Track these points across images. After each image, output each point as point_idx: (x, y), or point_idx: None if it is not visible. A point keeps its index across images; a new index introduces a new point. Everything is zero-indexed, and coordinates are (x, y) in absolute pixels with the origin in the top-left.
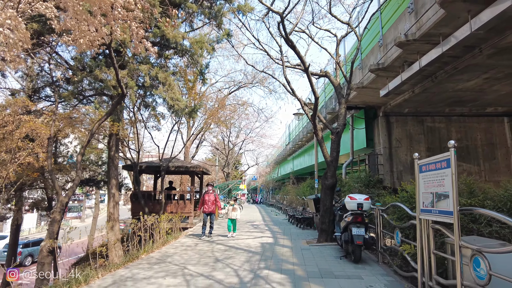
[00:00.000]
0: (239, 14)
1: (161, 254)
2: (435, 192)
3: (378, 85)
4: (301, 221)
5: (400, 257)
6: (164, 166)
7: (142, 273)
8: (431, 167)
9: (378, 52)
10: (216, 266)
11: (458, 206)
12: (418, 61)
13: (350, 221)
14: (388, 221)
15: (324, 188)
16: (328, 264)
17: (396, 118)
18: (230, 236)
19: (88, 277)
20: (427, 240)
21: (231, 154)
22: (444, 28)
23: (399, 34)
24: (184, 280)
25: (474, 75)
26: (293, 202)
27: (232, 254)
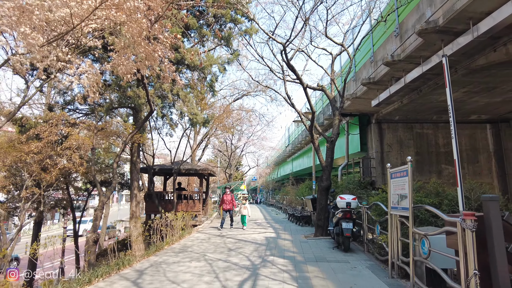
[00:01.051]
0: (245, 36)
1: (181, 246)
2: (399, 193)
3: (370, 95)
4: (300, 219)
5: (379, 246)
6: (176, 168)
7: (171, 259)
8: (397, 175)
9: (369, 67)
10: (230, 254)
11: (412, 204)
12: (403, 78)
13: (340, 217)
14: (371, 217)
15: (320, 189)
16: (323, 252)
17: (387, 124)
18: (244, 229)
19: (130, 261)
20: (395, 230)
21: (233, 156)
22: (424, 51)
23: (387, 55)
24: (206, 263)
25: (454, 89)
26: (292, 202)
27: (242, 245)
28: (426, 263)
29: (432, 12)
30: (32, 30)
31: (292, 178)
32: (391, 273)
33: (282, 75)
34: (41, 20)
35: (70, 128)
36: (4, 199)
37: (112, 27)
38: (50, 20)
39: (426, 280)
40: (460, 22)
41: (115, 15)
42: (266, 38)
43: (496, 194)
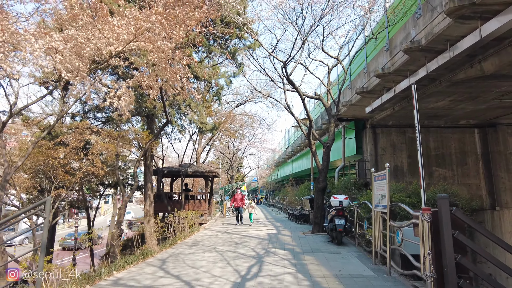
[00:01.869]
0: (249, 50)
1: (192, 241)
2: (380, 193)
3: (364, 103)
4: (299, 217)
5: (367, 239)
6: (183, 171)
7: (186, 251)
8: (379, 178)
9: (363, 77)
10: (237, 247)
11: (390, 202)
12: (393, 88)
13: (334, 215)
14: (361, 214)
15: (317, 190)
16: (318, 245)
17: (381, 129)
18: (251, 225)
19: (152, 252)
20: (378, 224)
21: (234, 158)
22: (410, 66)
23: (378, 67)
24: (218, 254)
25: (440, 98)
26: (292, 202)
27: (247, 240)
28: (400, 250)
29: (416, 33)
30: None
31: (291, 179)
32: (375, 261)
33: (283, 86)
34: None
35: (93, 135)
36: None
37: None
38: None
39: (401, 264)
40: (439, 43)
41: (144, 45)
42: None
43: (483, 194)
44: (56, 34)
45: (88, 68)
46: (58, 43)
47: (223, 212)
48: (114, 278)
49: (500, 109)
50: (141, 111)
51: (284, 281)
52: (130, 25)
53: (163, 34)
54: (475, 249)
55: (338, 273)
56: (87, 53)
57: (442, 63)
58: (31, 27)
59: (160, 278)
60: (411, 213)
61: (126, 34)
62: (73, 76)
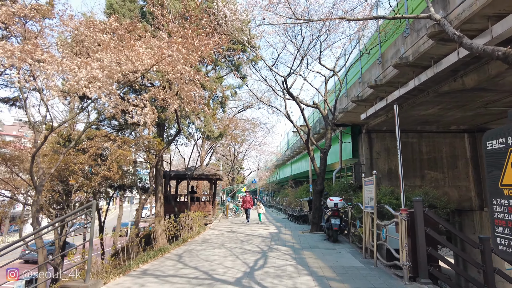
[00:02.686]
0: (252, 63)
1: (201, 239)
2: (369, 196)
3: (359, 110)
4: (298, 218)
5: (359, 237)
6: (189, 174)
7: (198, 247)
8: (368, 183)
9: (358, 87)
10: (243, 244)
11: (376, 204)
12: (386, 98)
13: (330, 215)
14: (354, 214)
15: (315, 193)
16: (316, 243)
17: (376, 134)
18: (260, 223)
19: (168, 249)
20: (368, 223)
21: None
22: (400, 78)
23: (372, 79)
24: (226, 250)
25: (430, 106)
26: (291, 204)
27: (251, 238)
28: (385, 245)
29: (404, 50)
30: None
31: (291, 181)
32: (365, 255)
33: (283, 95)
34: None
35: (110, 142)
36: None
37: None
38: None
39: (386, 257)
40: (425, 60)
41: (163, 67)
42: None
43: (472, 196)
44: (94, 63)
45: (119, 92)
46: (97, 71)
47: (226, 213)
48: (141, 269)
49: (487, 116)
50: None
51: (286, 271)
52: (153, 52)
53: (181, 60)
54: (443, 242)
55: (332, 265)
56: (117, 77)
57: (428, 78)
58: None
59: (180, 269)
60: (393, 213)
61: (149, 59)
62: (108, 99)
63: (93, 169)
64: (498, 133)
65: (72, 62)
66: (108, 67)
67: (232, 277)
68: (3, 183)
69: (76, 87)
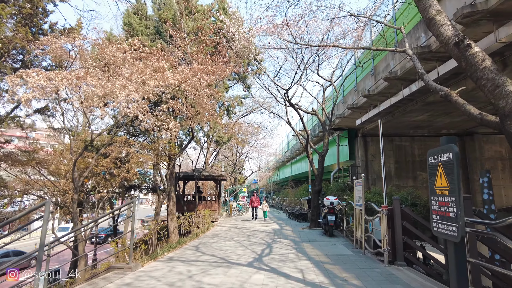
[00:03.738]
0: (256, 74)
1: (211, 234)
2: (359, 195)
3: (355, 116)
4: (298, 216)
5: (351, 231)
6: (197, 175)
7: (210, 241)
8: (358, 184)
9: (353, 95)
10: (250, 238)
11: (364, 202)
12: (378, 106)
13: (326, 212)
14: (347, 212)
15: (313, 192)
16: (314, 237)
17: (371, 138)
18: (265, 220)
19: (185, 241)
20: (358, 218)
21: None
22: (391, 89)
23: (365, 89)
24: (236, 242)
25: (419, 113)
26: (292, 203)
27: (256, 233)
28: (372, 236)
29: (394, 65)
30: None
31: (291, 181)
32: (356, 246)
33: (284, 103)
34: (150, 97)
35: (129, 147)
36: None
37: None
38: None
39: (373, 247)
40: (411, 74)
41: (185, 87)
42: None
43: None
44: (131, 85)
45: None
46: (134, 94)
47: (229, 212)
48: (167, 257)
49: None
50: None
51: (288, 257)
52: (179, 75)
53: (204, 83)
54: (415, 232)
55: (327, 253)
56: (148, 96)
57: (413, 91)
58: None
59: (200, 256)
60: (377, 209)
61: (173, 80)
62: (143, 116)
63: (114, 171)
64: (434, 152)
65: (113, 85)
66: (142, 89)
67: (244, 261)
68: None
69: (120, 108)
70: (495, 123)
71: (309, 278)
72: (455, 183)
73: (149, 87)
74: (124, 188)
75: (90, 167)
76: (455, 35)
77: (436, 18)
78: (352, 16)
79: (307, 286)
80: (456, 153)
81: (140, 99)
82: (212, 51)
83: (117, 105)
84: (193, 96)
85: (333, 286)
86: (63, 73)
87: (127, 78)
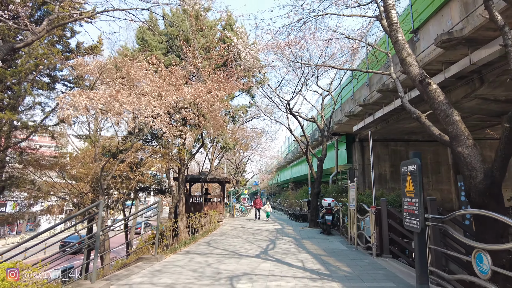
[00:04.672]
0: (259, 84)
1: (219, 232)
2: (352, 197)
3: (352, 123)
4: (298, 217)
5: (347, 230)
6: (203, 178)
7: (219, 238)
8: (351, 187)
9: (351, 103)
10: (255, 235)
11: (357, 203)
12: (373, 114)
13: (324, 212)
14: (343, 212)
15: (313, 194)
16: (313, 235)
17: (368, 143)
18: (268, 220)
19: (197, 238)
20: (353, 218)
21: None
22: (384, 100)
23: (361, 98)
24: (242, 239)
25: (411, 121)
26: (292, 204)
27: (260, 232)
28: (363, 233)
29: (386, 78)
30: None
31: (292, 183)
32: (350, 242)
33: (286, 112)
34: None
35: (143, 152)
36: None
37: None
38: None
39: (364, 242)
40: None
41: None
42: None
43: (453, 197)
44: (154, 101)
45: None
46: (158, 109)
47: (233, 213)
48: (184, 251)
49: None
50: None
51: (290, 251)
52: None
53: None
54: (399, 229)
55: (324, 248)
56: (168, 110)
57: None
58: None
59: (213, 250)
60: (367, 209)
61: (190, 96)
62: (166, 128)
63: (130, 175)
64: (405, 164)
65: (140, 102)
66: (163, 104)
67: (252, 254)
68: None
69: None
70: (448, 142)
71: (308, 266)
72: (418, 188)
73: (168, 102)
74: (134, 191)
75: (113, 171)
76: (420, 74)
77: (406, 59)
78: (346, 38)
79: (306, 271)
80: (419, 165)
81: (162, 113)
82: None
83: (144, 119)
84: (204, 109)
85: (327, 271)
86: (100, 93)
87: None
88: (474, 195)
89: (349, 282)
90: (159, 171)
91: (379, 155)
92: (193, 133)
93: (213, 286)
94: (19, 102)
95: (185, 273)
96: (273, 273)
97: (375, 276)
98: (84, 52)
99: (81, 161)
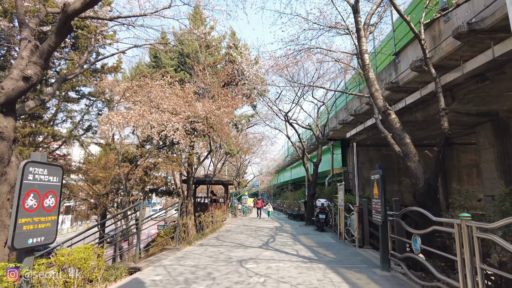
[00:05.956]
0: (260, 96)
1: (225, 229)
2: (341, 198)
3: (346, 129)
4: (296, 216)
5: (337, 226)
6: (208, 180)
7: (226, 234)
8: (340, 189)
9: (344, 112)
10: (257, 232)
11: (344, 203)
12: (363, 123)
13: (318, 211)
14: (335, 211)
15: (309, 196)
16: (308, 232)
17: (361, 147)
18: (269, 219)
19: (206, 234)
20: (342, 216)
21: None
22: (372, 111)
23: (353, 109)
24: (246, 235)
25: None
26: (291, 205)
27: (261, 229)
28: (350, 229)
29: None
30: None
31: (291, 185)
32: (339, 237)
33: (285, 121)
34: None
35: (157, 158)
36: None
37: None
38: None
39: (350, 236)
40: (388, 101)
41: (209, 115)
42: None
43: (441, 198)
44: (174, 117)
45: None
46: (176, 124)
47: (235, 213)
48: (198, 243)
49: None
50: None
51: (287, 243)
52: (206, 108)
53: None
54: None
55: (316, 241)
56: (184, 124)
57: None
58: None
59: (222, 243)
60: (352, 208)
61: (202, 112)
62: (183, 140)
63: (145, 178)
64: (373, 173)
65: (162, 119)
66: (181, 120)
67: (256, 245)
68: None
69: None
70: (403, 157)
71: (301, 253)
72: (381, 192)
73: (184, 117)
74: (143, 192)
75: (135, 175)
76: (383, 106)
77: (374, 93)
78: (336, 61)
79: (300, 257)
80: (381, 175)
81: (180, 127)
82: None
83: (167, 132)
84: (214, 121)
85: (316, 257)
86: (131, 112)
87: (167, 111)
88: (417, 197)
89: (332, 264)
90: (169, 173)
91: (371, 159)
92: (204, 142)
93: (228, 265)
94: (54, 116)
95: (203, 258)
96: (273, 258)
97: (353, 261)
98: (107, 71)
99: (103, 166)
